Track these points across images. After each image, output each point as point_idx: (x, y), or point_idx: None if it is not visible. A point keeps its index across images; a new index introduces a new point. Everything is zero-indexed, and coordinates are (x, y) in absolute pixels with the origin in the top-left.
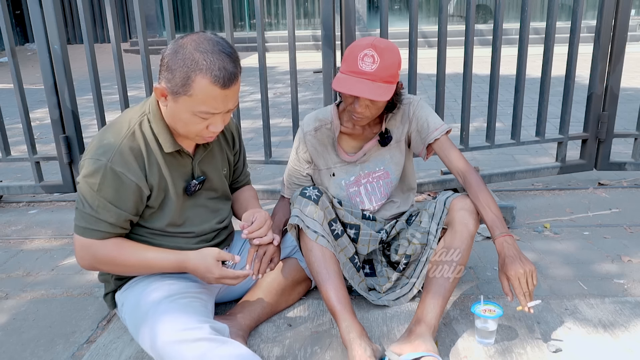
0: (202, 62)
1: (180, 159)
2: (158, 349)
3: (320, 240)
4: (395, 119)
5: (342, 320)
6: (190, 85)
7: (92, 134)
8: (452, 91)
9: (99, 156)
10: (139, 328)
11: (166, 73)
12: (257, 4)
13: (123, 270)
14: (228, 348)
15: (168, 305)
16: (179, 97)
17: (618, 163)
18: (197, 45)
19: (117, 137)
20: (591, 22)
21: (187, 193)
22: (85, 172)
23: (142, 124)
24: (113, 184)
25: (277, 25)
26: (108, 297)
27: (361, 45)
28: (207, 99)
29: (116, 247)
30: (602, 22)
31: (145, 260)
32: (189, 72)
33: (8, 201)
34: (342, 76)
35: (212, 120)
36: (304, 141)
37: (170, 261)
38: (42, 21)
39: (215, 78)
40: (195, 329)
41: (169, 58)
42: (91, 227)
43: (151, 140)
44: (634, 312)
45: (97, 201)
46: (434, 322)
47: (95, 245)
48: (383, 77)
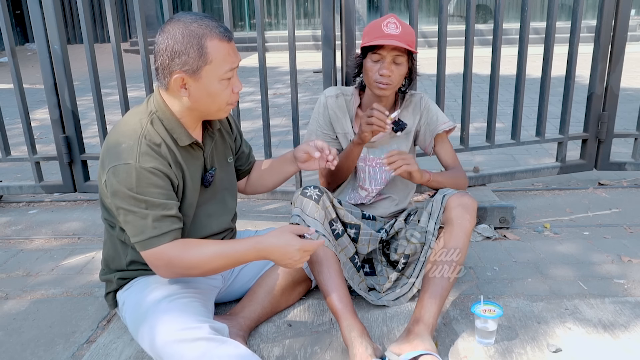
0: (202, 30)
1: (193, 152)
2: (157, 349)
3: (328, 243)
4: (407, 110)
5: (344, 320)
6: (207, 52)
7: (92, 134)
8: (452, 91)
9: (125, 160)
10: (139, 327)
11: (177, 59)
12: (257, 4)
13: (202, 269)
14: (227, 348)
15: (168, 304)
16: (200, 71)
17: (618, 163)
18: (184, 22)
19: (134, 138)
20: (591, 22)
21: (204, 185)
22: (117, 182)
23: (154, 122)
24: (150, 180)
25: (277, 25)
26: (109, 296)
27: (380, 19)
28: (225, 56)
29: (186, 246)
30: (602, 22)
31: (221, 254)
32: (200, 42)
33: (8, 201)
34: (369, 42)
35: (233, 81)
36: (325, 105)
37: (247, 248)
38: (42, 21)
39: (221, 34)
40: (194, 328)
41: (171, 46)
42: (152, 234)
43: (165, 136)
44: (634, 312)
45: (144, 203)
46: (432, 321)
47: (166, 251)
48: (407, 40)
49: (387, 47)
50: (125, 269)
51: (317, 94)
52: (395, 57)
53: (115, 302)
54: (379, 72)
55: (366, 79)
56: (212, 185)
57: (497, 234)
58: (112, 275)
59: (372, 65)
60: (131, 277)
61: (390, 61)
